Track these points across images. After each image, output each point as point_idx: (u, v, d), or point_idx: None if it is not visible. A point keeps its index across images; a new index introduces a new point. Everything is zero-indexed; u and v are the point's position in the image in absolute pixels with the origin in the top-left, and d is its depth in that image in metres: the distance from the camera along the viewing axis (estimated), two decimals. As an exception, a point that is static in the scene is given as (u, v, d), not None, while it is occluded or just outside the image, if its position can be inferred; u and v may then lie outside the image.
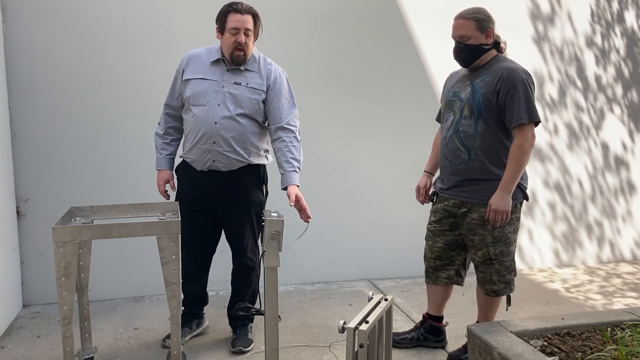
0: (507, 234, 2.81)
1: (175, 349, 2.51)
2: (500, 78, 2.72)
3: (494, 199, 2.71)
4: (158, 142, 3.16)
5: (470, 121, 2.79)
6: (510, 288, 2.91)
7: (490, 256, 2.82)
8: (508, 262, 2.85)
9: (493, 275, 2.86)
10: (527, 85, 2.70)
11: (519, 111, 2.68)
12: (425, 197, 3.13)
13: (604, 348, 2.61)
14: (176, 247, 2.44)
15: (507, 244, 2.82)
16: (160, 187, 3.14)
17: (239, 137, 2.97)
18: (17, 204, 3.79)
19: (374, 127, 4.37)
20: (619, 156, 5.03)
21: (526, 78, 2.71)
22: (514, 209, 2.80)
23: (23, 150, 3.78)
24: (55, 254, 2.33)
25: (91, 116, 3.86)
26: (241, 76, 2.98)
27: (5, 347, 3.22)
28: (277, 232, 2.56)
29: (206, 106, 2.94)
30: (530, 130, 2.69)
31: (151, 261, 3.80)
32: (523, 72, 2.73)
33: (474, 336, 2.84)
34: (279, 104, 3.00)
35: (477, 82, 2.79)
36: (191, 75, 2.98)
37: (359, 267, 4.43)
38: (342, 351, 3.10)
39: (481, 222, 2.81)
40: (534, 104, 2.71)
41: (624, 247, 5.07)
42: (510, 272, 2.88)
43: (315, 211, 4.23)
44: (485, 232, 2.80)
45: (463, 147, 2.81)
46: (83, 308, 2.83)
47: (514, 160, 2.69)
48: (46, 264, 3.73)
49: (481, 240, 2.83)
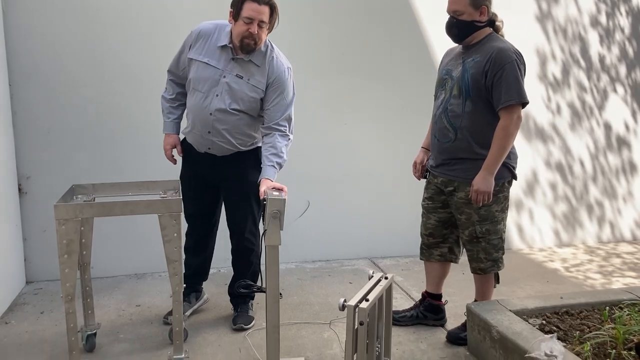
0: (493, 212, 2.82)
1: (177, 326, 2.54)
2: (490, 59, 2.69)
3: (477, 179, 2.72)
4: (165, 106, 3.13)
5: (458, 100, 2.78)
6: (497, 266, 2.91)
7: (476, 235, 2.84)
8: (495, 240, 2.86)
9: (480, 253, 2.87)
10: (516, 66, 2.67)
11: (506, 92, 2.66)
12: (421, 172, 3.14)
13: (602, 327, 2.63)
14: (178, 225, 2.45)
15: (494, 223, 2.83)
16: (167, 151, 3.11)
17: (232, 129, 2.97)
18: (18, 181, 3.80)
19: (376, 107, 4.36)
20: (621, 136, 5.01)
21: (516, 59, 2.68)
22: (501, 188, 2.81)
23: (24, 128, 3.77)
24: (57, 232, 2.35)
25: (92, 94, 3.85)
26: (245, 69, 2.92)
27: (9, 322, 3.25)
28: (279, 211, 2.57)
29: (204, 94, 2.92)
30: (516, 111, 2.68)
31: (153, 239, 3.80)
32: (513, 52, 2.70)
33: (473, 314, 2.87)
34: (276, 105, 2.95)
35: (468, 61, 2.78)
36: (196, 56, 2.94)
37: (359, 246, 4.44)
38: (342, 328, 3.13)
39: (467, 201, 2.82)
40: (522, 85, 2.69)
41: (624, 227, 5.09)
42: (498, 250, 2.88)
43: (317, 190, 4.24)
44: (472, 210, 2.81)
45: (450, 126, 2.82)
46: (85, 285, 2.86)
47: (498, 142, 2.68)
48: (48, 241, 3.75)
49: (467, 219, 2.84)
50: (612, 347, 2.43)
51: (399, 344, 2.97)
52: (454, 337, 2.97)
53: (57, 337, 3.01)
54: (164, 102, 3.13)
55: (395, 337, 2.95)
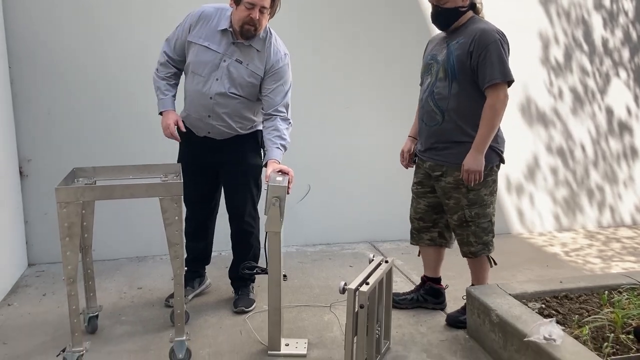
0: (482, 196, 2.83)
1: (178, 308, 2.55)
2: (473, 40, 2.71)
3: (467, 159, 2.73)
4: (160, 84, 3.00)
5: (444, 83, 2.79)
6: (488, 249, 2.92)
7: (466, 219, 2.85)
8: (485, 223, 2.87)
9: (470, 237, 2.88)
10: (500, 45, 2.69)
11: (491, 71, 2.67)
12: (409, 161, 3.15)
13: (601, 311, 2.65)
14: (179, 209, 2.46)
15: (483, 206, 2.85)
16: (169, 127, 2.94)
17: (232, 113, 2.97)
18: (19, 164, 3.80)
19: (378, 90, 4.34)
20: (623, 121, 5.00)
21: (499, 38, 2.70)
22: (489, 172, 2.82)
23: (25, 111, 3.76)
24: (58, 215, 2.35)
25: (93, 76, 3.84)
26: (245, 53, 2.91)
27: (12, 304, 3.28)
28: (279, 197, 2.58)
29: (204, 79, 2.91)
30: (502, 90, 2.69)
31: (154, 222, 3.81)
32: (496, 32, 2.72)
33: (472, 298, 2.89)
34: (274, 91, 2.94)
35: (452, 44, 2.79)
36: (196, 40, 2.92)
37: (360, 230, 4.46)
38: (342, 311, 3.15)
39: (455, 185, 2.83)
40: (507, 63, 2.70)
41: (624, 212, 5.09)
42: (488, 233, 2.89)
43: (318, 174, 4.24)
44: (460, 195, 2.83)
45: (437, 108, 2.82)
46: (87, 267, 2.87)
47: (485, 121, 2.70)
48: (50, 224, 3.76)
49: (456, 203, 2.85)
50: (610, 331, 2.45)
51: (398, 327, 2.99)
52: (454, 320, 2.99)
53: (60, 318, 3.03)
54: (159, 80, 3.01)
55: (395, 320, 2.97)
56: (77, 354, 2.47)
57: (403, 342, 2.83)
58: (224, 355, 2.70)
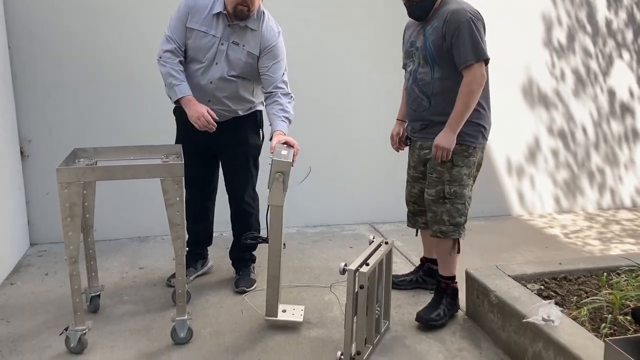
0: (462, 175, 2.78)
1: (180, 288, 2.57)
2: (445, 21, 2.67)
3: (440, 135, 2.70)
4: (171, 70, 2.88)
5: (426, 69, 2.76)
6: (459, 232, 2.83)
7: (444, 194, 2.78)
8: (460, 205, 2.80)
9: (444, 214, 2.80)
10: (472, 24, 2.63)
11: (465, 52, 2.64)
12: (399, 144, 3.13)
13: (599, 292, 2.66)
14: (180, 190, 2.46)
15: (462, 186, 2.79)
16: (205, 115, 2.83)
17: (233, 96, 2.99)
18: (20, 144, 3.80)
19: (378, 71, 4.32)
20: (625, 103, 4.98)
21: (471, 17, 2.64)
22: (473, 152, 2.78)
23: (25, 91, 3.75)
24: (59, 195, 2.36)
25: (94, 56, 3.82)
26: (241, 35, 2.91)
27: (15, 283, 3.30)
28: (283, 172, 2.59)
29: (204, 64, 2.92)
30: (478, 70, 2.64)
31: (156, 202, 3.82)
32: (468, 11, 2.66)
33: (472, 279, 2.90)
34: (271, 69, 2.95)
35: (427, 29, 2.75)
36: (194, 25, 2.90)
37: (360, 211, 4.47)
38: (342, 292, 3.18)
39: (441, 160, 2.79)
40: (480, 42, 2.64)
41: (624, 194, 5.10)
42: (461, 215, 2.82)
43: (318, 155, 4.24)
44: (444, 169, 2.77)
45: (423, 94, 2.80)
46: (89, 248, 2.88)
47: (461, 100, 2.66)
48: (51, 204, 3.77)
49: (438, 177, 2.79)
50: (608, 312, 2.47)
51: (398, 307, 3.01)
52: (424, 319, 2.81)
53: (62, 298, 3.06)
54: (169, 67, 2.89)
55: (394, 301, 3.00)
56: (79, 332, 2.50)
57: (402, 322, 2.86)
58: (225, 335, 2.73)
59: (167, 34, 2.94)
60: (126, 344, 2.63)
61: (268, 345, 2.64)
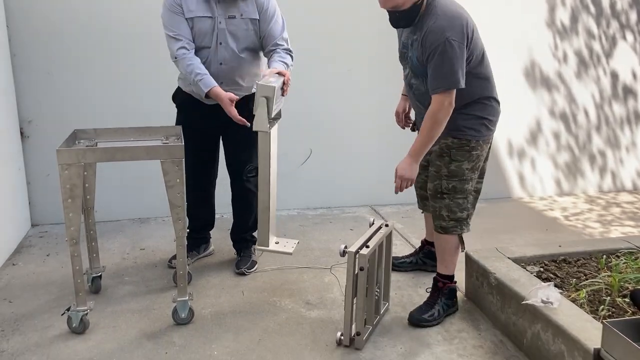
0: (463, 170, 2.64)
1: (181, 269, 2.58)
2: (422, 41, 2.50)
3: (402, 165, 2.56)
4: (193, 65, 2.81)
5: (418, 80, 2.64)
6: (461, 227, 2.71)
7: (442, 189, 2.67)
8: (460, 199, 2.67)
9: (442, 210, 2.69)
10: (448, 46, 2.41)
11: (434, 79, 2.47)
12: (405, 121, 3.04)
13: (599, 275, 2.68)
14: (180, 171, 2.46)
15: (462, 181, 2.65)
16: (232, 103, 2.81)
17: (244, 73, 2.98)
18: (20, 125, 3.79)
19: (379, 54, 4.28)
20: (627, 85, 4.95)
21: (448, 38, 2.41)
22: (475, 145, 2.63)
23: (24, 71, 3.73)
24: (60, 177, 2.36)
25: (94, 34, 3.78)
26: (233, 6, 2.88)
27: (17, 264, 3.32)
28: (267, 97, 2.55)
29: (210, 48, 2.90)
30: (447, 98, 2.46)
31: (156, 184, 3.81)
32: (447, 29, 2.42)
33: (471, 261, 2.92)
34: (271, 29, 2.95)
35: (413, 41, 2.57)
36: (192, 14, 2.86)
37: (360, 193, 4.47)
38: (342, 273, 3.19)
39: (439, 153, 2.67)
40: (454, 67, 2.43)
41: (625, 177, 5.09)
42: (462, 210, 2.69)
43: (319, 138, 4.23)
44: (442, 163, 2.66)
45: (420, 103, 2.70)
46: (90, 229, 2.89)
47: (425, 129, 2.51)
48: (52, 185, 3.77)
49: (437, 171, 2.69)
50: (607, 294, 2.48)
51: (398, 289, 3.03)
52: (417, 320, 2.70)
53: (64, 278, 3.08)
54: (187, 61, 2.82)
55: (394, 282, 3.01)
56: (81, 313, 2.52)
57: (402, 304, 2.88)
58: (226, 315, 2.75)
59: (169, 34, 2.86)
60: (128, 324, 2.65)
61: (269, 326, 2.66)
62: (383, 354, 2.44)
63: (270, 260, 3.35)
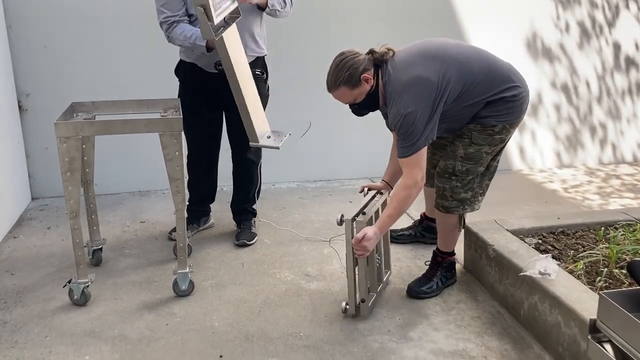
0: (482, 153, 2.54)
1: (181, 242, 2.60)
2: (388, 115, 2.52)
3: (369, 232, 2.40)
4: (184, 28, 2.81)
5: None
6: (463, 207, 2.64)
7: (453, 171, 2.57)
8: (467, 180, 2.59)
9: (447, 191, 2.62)
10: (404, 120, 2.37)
11: (401, 148, 2.44)
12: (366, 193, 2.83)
13: (596, 246, 2.69)
14: (179, 144, 2.46)
15: (477, 165, 2.57)
16: None
17: (247, 32, 2.92)
18: (18, 98, 3.77)
19: (380, 24, 4.24)
20: (630, 56, 4.90)
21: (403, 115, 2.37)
22: (501, 130, 2.52)
23: (20, 44, 3.70)
24: (58, 150, 2.36)
25: (91, 7, 3.74)
26: None
27: (18, 237, 3.33)
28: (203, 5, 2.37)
29: None
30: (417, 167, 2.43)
31: (156, 156, 3.79)
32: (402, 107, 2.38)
33: (470, 233, 2.93)
34: None
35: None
36: None
37: (360, 166, 4.46)
38: (341, 245, 3.20)
39: (460, 134, 2.56)
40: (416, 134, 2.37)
41: (626, 148, 5.07)
42: (467, 190, 2.60)
43: (317, 111, 4.20)
44: (460, 144, 2.54)
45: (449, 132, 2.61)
46: (90, 202, 2.90)
47: (396, 201, 2.46)
48: (51, 158, 3.76)
49: (453, 151, 2.58)
50: (604, 266, 2.50)
51: (397, 260, 3.05)
52: (415, 292, 2.70)
53: (65, 251, 3.09)
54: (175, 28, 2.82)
55: (393, 254, 3.03)
56: (82, 285, 2.55)
57: (401, 275, 2.90)
58: (226, 287, 2.77)
59: (159, 7, 2.83)
60: (129, 296, 2.68)
61: (269, 298, 2.68)
62: (382, 325, 2.47)
63: (270, 233, 3.36)
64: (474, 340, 2.37)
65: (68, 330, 2.40)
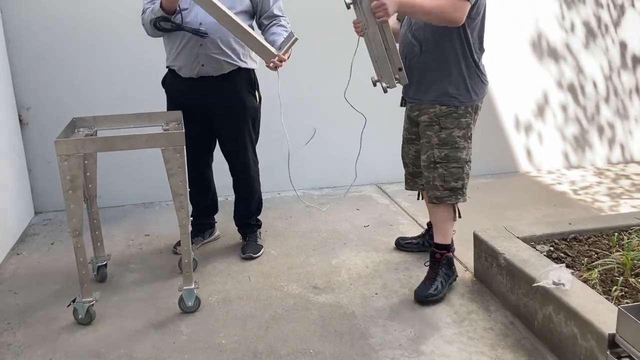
0: (455, 138, 2.67)
1: (186, 258, 2.55)
2: None
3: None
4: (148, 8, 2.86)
5: None
6: (456, 197, 2.72)
7: (434, 159, 2.69)
8: (454, 168, 2.69)
9: (436, 180, 2.71)
10: None
11: None
12: None
13: (610, 253, 2.63)
14: (182, 159, 2.42)
15: (455, 149, 2.67)
16: None
17: (225, 38, 2.84)
18: (18, 112, 3.73)
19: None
20: (636, 55, 4.84)
21: None
22: (463, 113, 2.65)
23: (19, 57, 3.66)
24: (60, 168, 2.32)
25: (90, 16, 3.71)
26: None
27: (21, 253, 3.29)
28: None
29: (188, 9, 2.78)
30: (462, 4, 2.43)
31: (159, 167, 3.75)
32: None
33: (480, 241, 2.87)
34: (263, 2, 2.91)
35: None
36: None
37: (366, 172, 4.40)
38: (350, 255, 3.16)
39: (429, 123, 2.69)
40: None
41: (634, 148, 5.01)
42: (457, 179, 2.70)
43: (323, 116, 4.16)
44: (432, 133, 2.69)
45: (415, 39, 2.68)
46: (93, 218, 2.86)
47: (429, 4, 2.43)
48: (53, 172, 3.71)
49: (428, 141, 2.71)
50: (619, 274, 2.44)
51: (406, 270, 3.00)
52: (423, 296, 2.71)
53: (69, 267, 3.04)
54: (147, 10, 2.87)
55: (402, 263, 2.99)
56: (87, 304, 2.50)
57: (410, 285, 2.84)
58: (233, 302, 2.72)
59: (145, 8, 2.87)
60: (134, 314, 2.63)
61: (277, 313, 2.63)
62: (393, 338, 2.42)
63: (277, 244, 3.32)
64: (488, 353, 2.31)
65: (73, 352, 2.36)
